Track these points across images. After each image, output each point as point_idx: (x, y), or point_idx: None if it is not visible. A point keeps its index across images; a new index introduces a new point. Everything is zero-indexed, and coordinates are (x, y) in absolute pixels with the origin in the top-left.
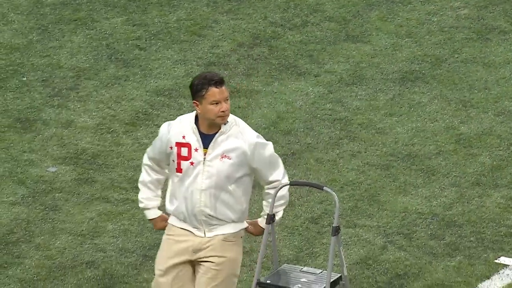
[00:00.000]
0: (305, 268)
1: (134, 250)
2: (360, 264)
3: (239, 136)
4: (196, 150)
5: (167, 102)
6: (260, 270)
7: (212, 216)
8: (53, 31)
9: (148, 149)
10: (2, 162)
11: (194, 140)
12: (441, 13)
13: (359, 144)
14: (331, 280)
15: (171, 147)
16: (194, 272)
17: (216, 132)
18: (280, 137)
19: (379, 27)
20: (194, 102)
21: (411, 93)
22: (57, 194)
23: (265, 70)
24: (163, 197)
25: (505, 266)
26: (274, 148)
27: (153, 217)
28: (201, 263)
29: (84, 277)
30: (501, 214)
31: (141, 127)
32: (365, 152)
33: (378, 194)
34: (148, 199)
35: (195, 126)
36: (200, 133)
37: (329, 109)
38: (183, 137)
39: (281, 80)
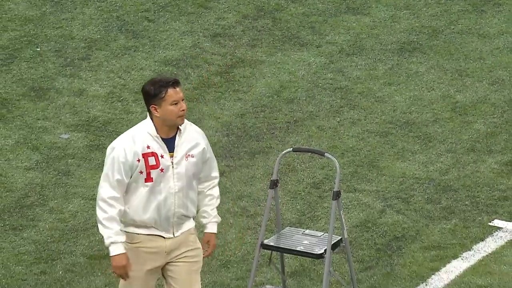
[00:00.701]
0: (307, 231)
1: None
2: (360, 227)
3: (195, 133)
4: (162, 156)
5: (175, 72)
6: (264, 233)
7: (184, 216)
8: (66, 3)
9: (105, 181)
10: (17, 129)
11: (158, 147)
12: None
13: (359, 112)
14: (332, 242)
15: (138, 160)
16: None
17: (175, 135)
18: (283, 106)
19: (378, 0)
20: (152, 107)
21: (409, 63)
22: (69, 160)
23: (269, 41)
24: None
25: (499, 228)
26: (278, 116)
27: (121, 252)
28: (177, 262)
29: (95, 239)
30: (495, 179)
31: None
32: (364, 120)
33: (377, 160)
34: (117, 233)
35: (156, 134)
36: (162, 139)
37: (330, 79)
38: (148, 147)
39: (284, 51)
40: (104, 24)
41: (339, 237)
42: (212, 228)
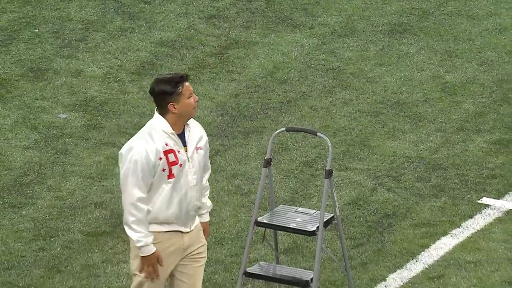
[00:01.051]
0: (300, 209)
1: None
2: (352, 204)
3: (198, 127)
4: (178, 152)
5: (170, 53)
6: (257, 211)
7: (199, 208)
8: None
9: (129, 183)
10: (16, 109)
11: (174, 143)
12: None
13: (351, 92)
14: (324, 220)
15: (160, 158)
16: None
17: (183, 130)
18: (276, 86)
19: None
20: (171, 105)
21: (400, 44)
22: (67, 139)
23: (263, 23)
24: None
25: (487, 206)
26: (271, 96)
27: (153, 252)
28: (189, 259)
29: (93, 217)
30: (484, 158)
31: (146, 76)
32: (356, 100)
33: (369, 139)
34: (146, 236)
35: (171, 130)
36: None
37: (323, 60)
38: (166, 144)
39: (278, 32)
40: (101, 6)
41: (331, 215)
42: (207, 217)
